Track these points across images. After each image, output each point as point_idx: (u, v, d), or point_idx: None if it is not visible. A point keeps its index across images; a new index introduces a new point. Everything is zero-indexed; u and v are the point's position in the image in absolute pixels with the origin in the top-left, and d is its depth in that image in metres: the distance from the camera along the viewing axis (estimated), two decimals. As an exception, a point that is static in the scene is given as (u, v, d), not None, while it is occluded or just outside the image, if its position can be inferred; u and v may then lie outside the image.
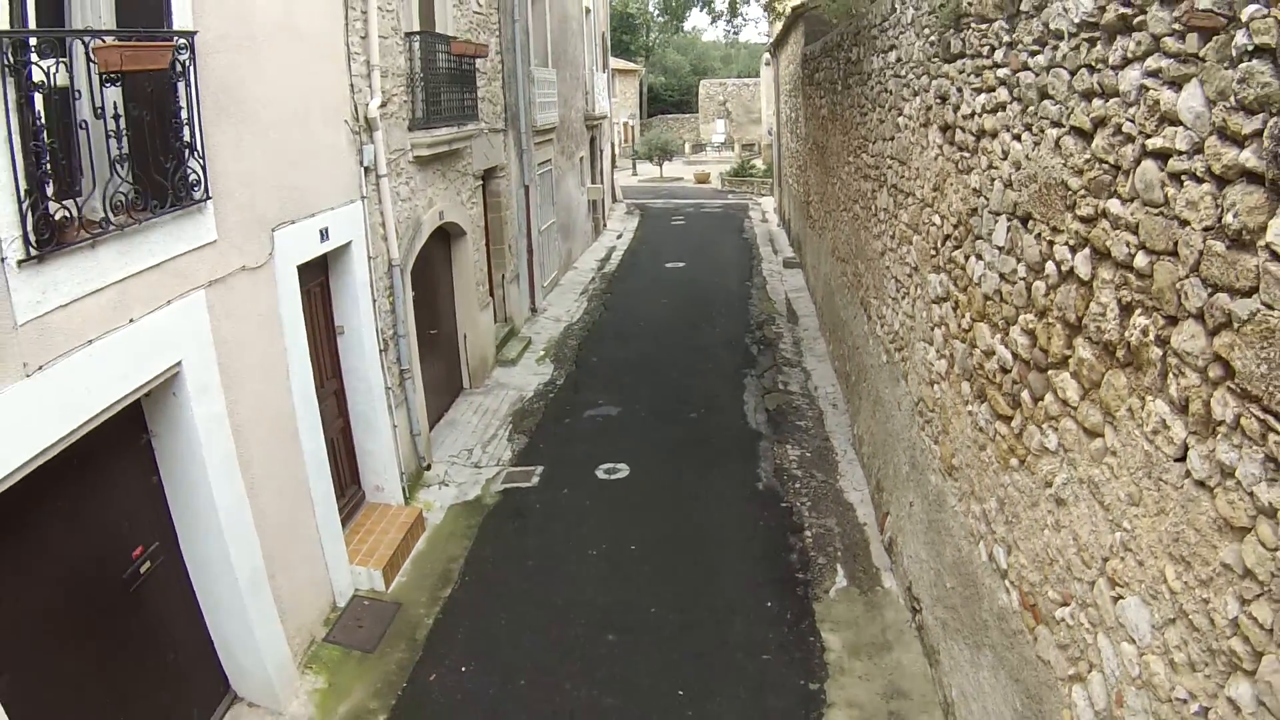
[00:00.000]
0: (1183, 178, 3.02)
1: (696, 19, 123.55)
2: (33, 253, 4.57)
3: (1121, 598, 3.61)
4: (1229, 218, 2.71)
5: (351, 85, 9.15)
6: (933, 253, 6.87)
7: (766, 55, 37.69)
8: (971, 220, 5.75)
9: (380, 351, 9.68)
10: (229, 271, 6.62)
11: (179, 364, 5.92)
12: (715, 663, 7.19)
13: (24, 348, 4.56)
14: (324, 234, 8.37)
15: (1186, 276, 3.02)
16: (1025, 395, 4.81)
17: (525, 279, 17.67)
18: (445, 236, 13.28)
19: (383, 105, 9.69)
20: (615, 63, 40.58)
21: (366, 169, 9.47)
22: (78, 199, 4.95)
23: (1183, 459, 3.10)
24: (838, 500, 9.58)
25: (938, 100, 6.64)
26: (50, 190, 4.69)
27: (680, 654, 7.32)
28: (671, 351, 15.37)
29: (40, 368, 4.65)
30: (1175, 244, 3.09)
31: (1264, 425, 2.60)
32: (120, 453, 5.92)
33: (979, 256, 5.59)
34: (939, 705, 6.44)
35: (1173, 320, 3.15)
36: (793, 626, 7.54)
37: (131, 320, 5.42)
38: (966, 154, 5.88)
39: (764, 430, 11.64)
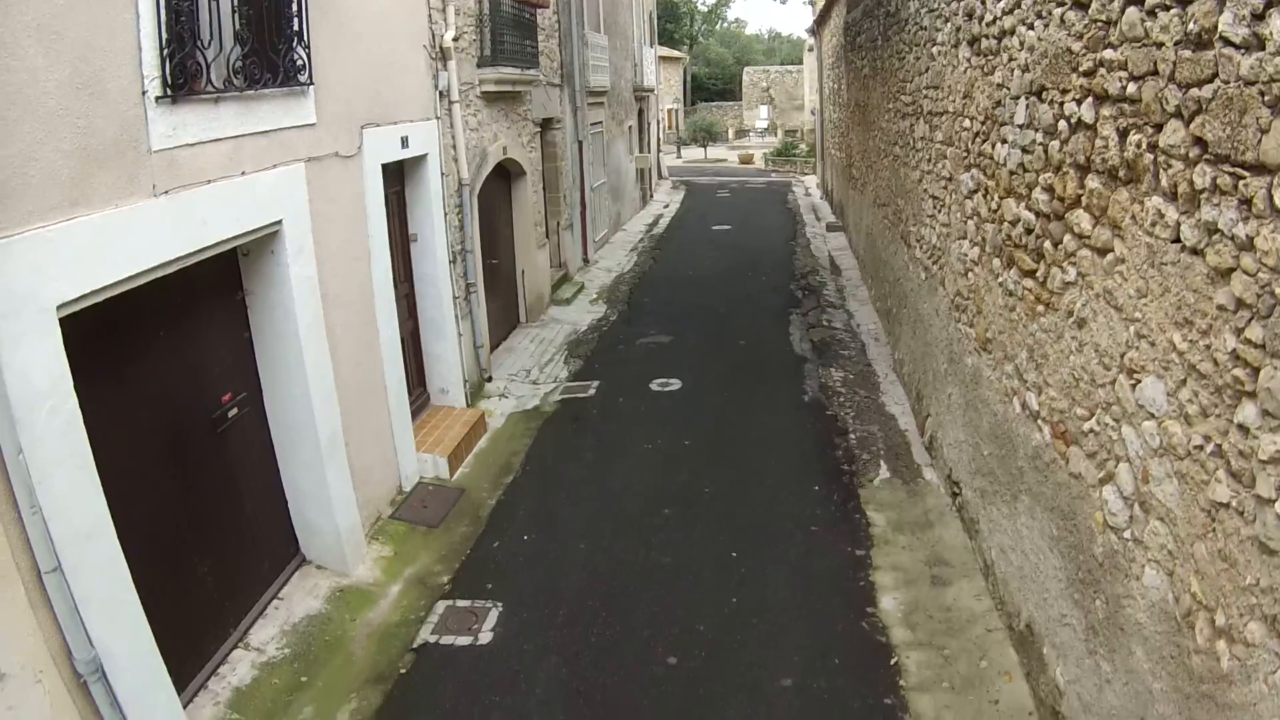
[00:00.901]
0: (1156, 10, 3.61)
1: (739, 9, 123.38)
2: (168, 92, 5.03)
3: (1139, 382, 3.94)
4: (1190, 25, 3.29)
5: (429, 16, 9.57)
6: (964, 155, 7.23)
7: (809, 41, 37.81)
8: (996, 111, 6.21)
9: (449, 262, 10.08)
10: (325, 154, 7.05)
11: (280, 223, 6.33)
12: (766, 532, 7.54)
13: (155, 172, 5.00)
14: (404, 141, 8.79)
15: (1165, 86, 3.57)
16: (1047, 245, 5.20)
17: (578, 229, 18.05)
18: (506, 176, 13.68)
19: (455, 39, 10.10)
20: (660, 50, 40.88)
21: (441, 93, 9.91)
22: (206, 58, 5.36)
23: (1177, 239, 3.54)
24: (880, 412, 9.87)
25: (965, 18, 7.11)
26: (184, 45, 5.13)
27: (732, 524, 7.67)
28: (720, 296, 15.72)
29: (167, 192, 5.08)
30: (1155, 64, 3.66)
31: (1234, 176, 3.07)
32: (219, 306, 6.36)
33: (1004, 140, 6.04)
34: (979, 570, 6.72)
35: (1158, 127, 3.67)
36: (839, 506, 7.87)
37: (243, 173, 5.84)
38: (990, 57, 6.37)
39: (809, 356, 11.96)
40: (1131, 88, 3.89)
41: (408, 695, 5.82)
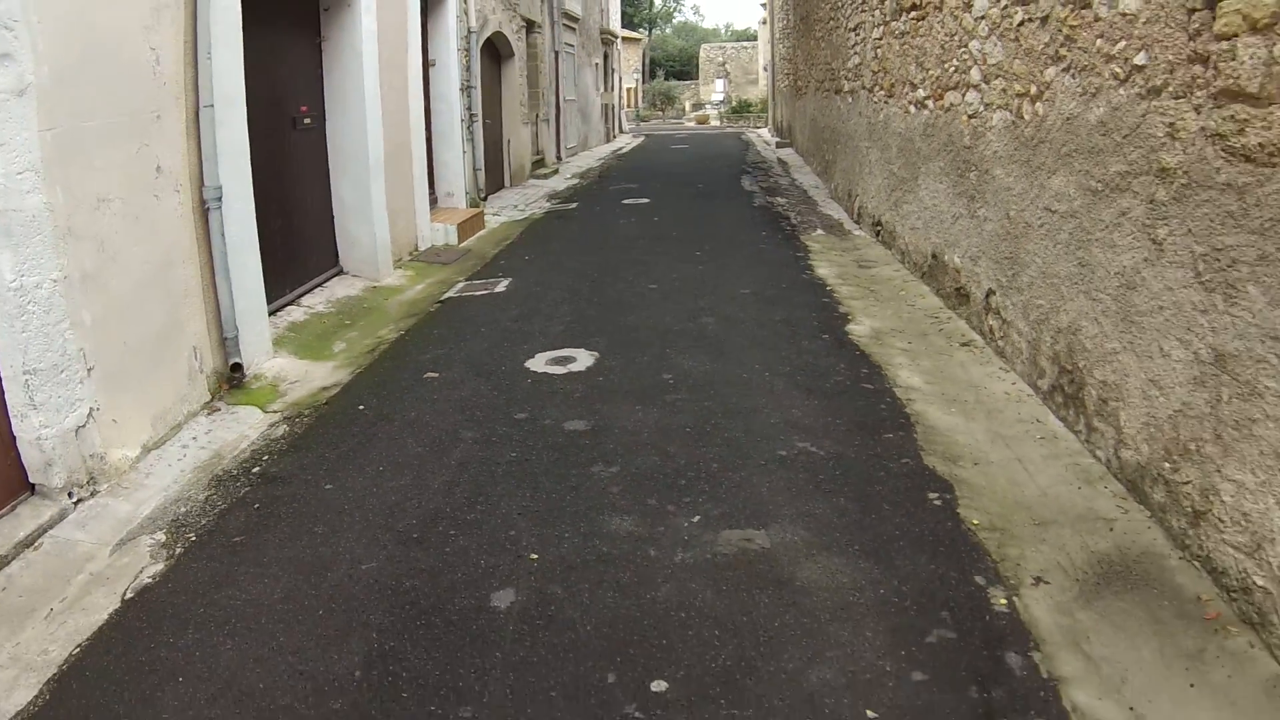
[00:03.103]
0: None
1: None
2: None
3: (972, 5, 5.73)
4: None
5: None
6: None
7: (763, 14, 39.34)
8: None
9: (459, 90, 11.40)
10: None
11: (358, -20, 7.68)
12: (725, 245, 9.17)
13: None
14: (432, -24, 10.14)
15: None
16: None
17: (553, 126, 19.40)
18: (497, 58, 14.98)
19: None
20: (621, 31, 42.36)
21: (456, -48, 11.23)
22: None
23: None
24: (817, 213, 11.32)
25: None
26: None
27: (698, 243, 9.30)
28: (680, 171, 17.51)
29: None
30: None
31: None
32: (303, 45, 7.73)
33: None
34: (895, 261, 8.16)
35: None
36: (784, 240, 9.41)
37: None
38: None
39: (757, 192, 13.59)
40: None
41: (437, 316, 7.13)
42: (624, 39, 46.39)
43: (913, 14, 7.32)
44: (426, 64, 10.89)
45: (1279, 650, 2.72)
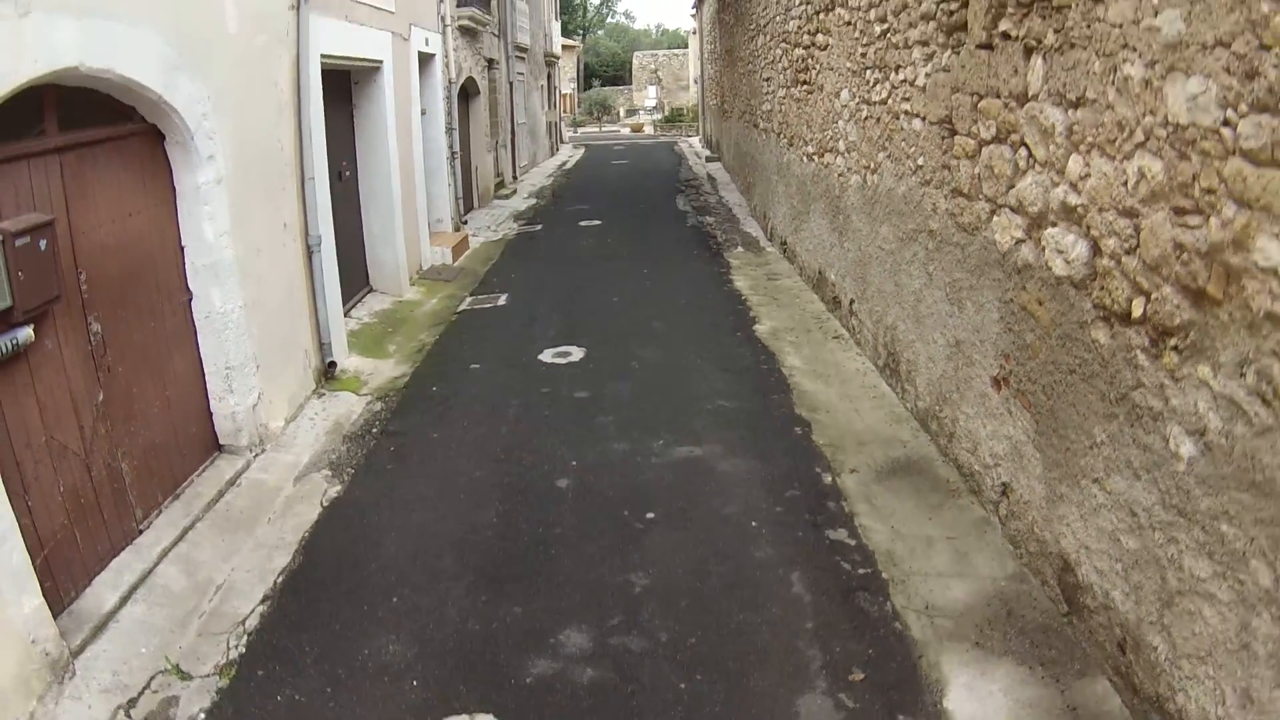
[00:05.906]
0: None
1: (628, 2, 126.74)
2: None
3: (839, 93, 8.22)
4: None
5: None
6: (774, 37, 11.54)
7: (693, 25, 42.03)
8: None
9: (444, 132, 13.90)
10: (395, 30, 10.84)
11: (382, 61, 10.14)
12: (664, 262, 11.86)
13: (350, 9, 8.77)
14: (427, 41, 12.59)
15: None
16: (810, 61, 9.62)
17: (509, 150, 21.90)
18: (466, 96, 17.43)
19: (442, -22, 13.93)
20: (559, 40, 44.81)
21: (440, 19, 13.69)
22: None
23: (846, 23, 7.62)
24: (739, 231, 14.06)
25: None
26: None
27: (642, 260, 12.00)
28: (623, 190, 20.16)
29: (346, 17, 8.87)
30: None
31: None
32: (341, 113, 10.11)
33: (788, 13, 10.30)
34: (796, 275, 10.87)
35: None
36: (711, 256, 12.13)
37: (362, 25, 9.63)
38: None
39: (689, 211, 16.32)
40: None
41: (460, 325, 9.66)
42: (561, 47, 48.79)
43: (804, 86, 9.97)
44: (419, 112, 13.37)
45: (987, 505, 5.17)
